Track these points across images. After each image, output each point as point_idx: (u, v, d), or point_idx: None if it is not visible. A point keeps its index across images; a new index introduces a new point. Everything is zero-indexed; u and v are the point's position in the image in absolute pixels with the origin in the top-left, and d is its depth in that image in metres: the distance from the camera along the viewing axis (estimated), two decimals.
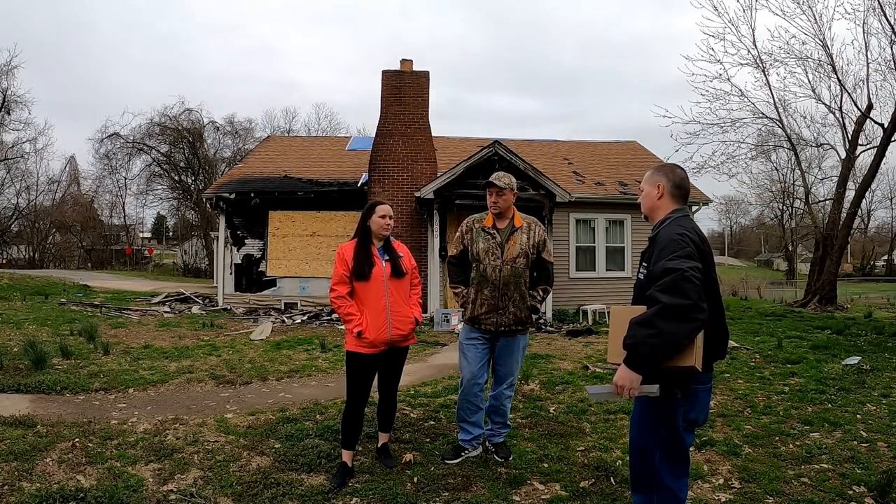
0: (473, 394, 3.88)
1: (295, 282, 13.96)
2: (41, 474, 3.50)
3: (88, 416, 4.75)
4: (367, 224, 3.65)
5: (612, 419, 4.87)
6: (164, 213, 51.22)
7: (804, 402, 5.49)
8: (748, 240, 73.60)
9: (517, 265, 3.80)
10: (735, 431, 4.59)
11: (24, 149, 36.02)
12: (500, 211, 3.88)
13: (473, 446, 3.99)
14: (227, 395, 5.70)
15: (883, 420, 4.92)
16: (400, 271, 3.66)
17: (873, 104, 16.99)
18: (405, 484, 3.52)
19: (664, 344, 2.16)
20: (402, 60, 13.46)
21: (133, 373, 6.39)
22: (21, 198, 37.85)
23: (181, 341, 8.78)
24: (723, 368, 6.85)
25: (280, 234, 14.06)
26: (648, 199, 2.62)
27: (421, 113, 13.27)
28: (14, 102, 32.34)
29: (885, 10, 15.52)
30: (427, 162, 13.13)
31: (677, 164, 2.74)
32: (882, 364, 7.38)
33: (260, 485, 3.45)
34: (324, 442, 4.15)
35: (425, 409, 5.17)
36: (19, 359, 6.67)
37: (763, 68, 18.09)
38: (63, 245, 39.23)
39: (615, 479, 3.60)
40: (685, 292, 2.14)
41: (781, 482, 3.61)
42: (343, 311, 3.56)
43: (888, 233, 53.02)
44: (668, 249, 2.30)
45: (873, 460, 3.99)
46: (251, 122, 42.98)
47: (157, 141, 37.02)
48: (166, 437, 4.26)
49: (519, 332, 3.90)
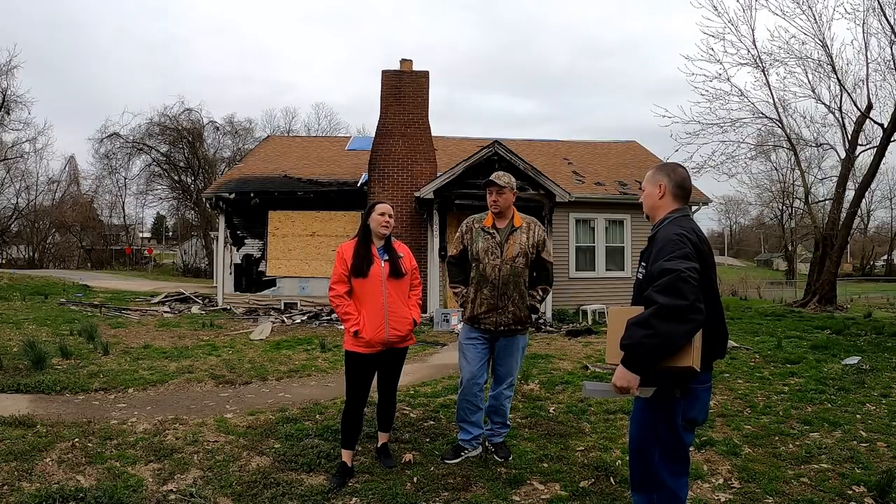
0: (473, 394, 3.88)
1: (295, 282, 13.95)
2: (41, 474, 3.50)
3: (88, 416, 4.75)
4: (367, 223, 3.66)
5: (611, 419, 4.87)
6: (164, 213, 51.33)
7: (804, 402, 5.49)
8: (748, 240, 73.63)
9: (517, 265, 3.81)
10: (735, 431, 4.59)
11: (23, 149, 36.07)
12: (500, 210, 3.88)
13: (473, 446, 3.99)
14: (226, 395, 5.70)
15: (883, 420, 4.92)
16: (399, 271, 3.66)
17: (873, 104, 16.98)
18: (405, 484, 3.52)
19: (661, 344, 2.16)
20: (401, 60, 13.45)
21: (133, 373, 6.38)
22: (21, 198, 37.88)
23: (181, 341, 8.78)
24: (722, 368, 6.85)
25: (280, 234, 14.05)
26: (650, 199, 2.62)
27: (420, 113, 13.27)
28: (14, 102, 32.34)
29: (884, 10, 15.51)
30: (427, 162, 13.13)
31: (679, 164, 2.73)
32: (882, 364, 7.38)
33: (260, 485, 3.45)
34: (323, 442, 4.15)
35: (425, 408, 5.17)
36: (19, 359, 6.67)
37: (763, 68, 18.09)
38: (63, 245, 39.22)
39: (615, 479, 3.60)
40: (682, 293, 2.14)
41: (781, 482, 3.61)
42: (341, 311, 3.56)
43: (888, 233, 53.03)
44: (666, 250, 2.30)
45: (873, 460, 3.99)
46: (251, 122, 43.04)
47: (157, 141, 37.00)
48: (166, 437, 4.26)
49: (518, 331, 3.90)
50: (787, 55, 17.98)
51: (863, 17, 17.99)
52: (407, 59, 13.46)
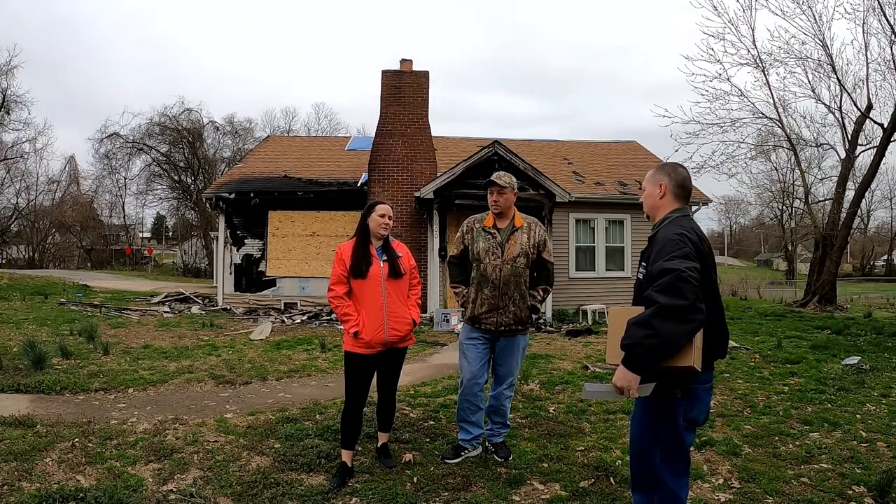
0: (473, 394, 3.88)
1: (294, 282, 13.95)
2: (41, 474, 3.50)
3: (88, 416, 4.75)
4: (366, 223, 3.65)
5: (611, 419, 4.87)
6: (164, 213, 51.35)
7: (804, 402, 5.49)
8: (748, 240, 73.63)
9: (517, 265, 3.81)
10: (735, 431, 4.59)
11: (23, 149, 36.12)
12: (501, 210, 3.88)
13: (473, 446, 3.99)
14: (226, 395, 5.69)
15: (883, 420, 4.92)
16: (398, 271, 3.65)
17: (873, 104, 16.98)
18: (405, 484, 3.52)
19: (661, 344, 2.16)
20: (401, 60, 13.45)
21: (133, 373, 6.38)
22: (21, 198, 37.91)
23: (181, 341, 8.78)
24: (723, 368, 6.85)
25: (280, 234, 14.05)
26: (651, 199, 2.62)
27: (421, 113, 13.27)
28: (14, 102, 32.42)
29: (884, 10, 15.51)
30: (427, 162, 13.13)
31: (679, 164, 2.73)
32: (882, 364, 7.38)
33: (260, 485, 3.45)
34: (323, 442, 4.15)
35: (425, 408, 5.17)
36: (19, 359, 6.67)
37: (763, 68, 18.09)
38: (63, 245, 39.22)
39: (615, 478, 3.60)
40: (682, 293, 2.14)
41: (781, 482, 3.61)
42: (340, 311, 3.56)
43: (888, 233, 53.04)
44: (666, 250, 2.30)
45: (873, 460, 3.99)
46: (251, 122, 43.09)
47: (157, 141, 37.02)
48: (166, 437, 4.26)
49: (519, 331, 3.90)
50: (787, 55, 17.99)
51: (863, 17, 18.00)
52: (407, 59, 13.45)
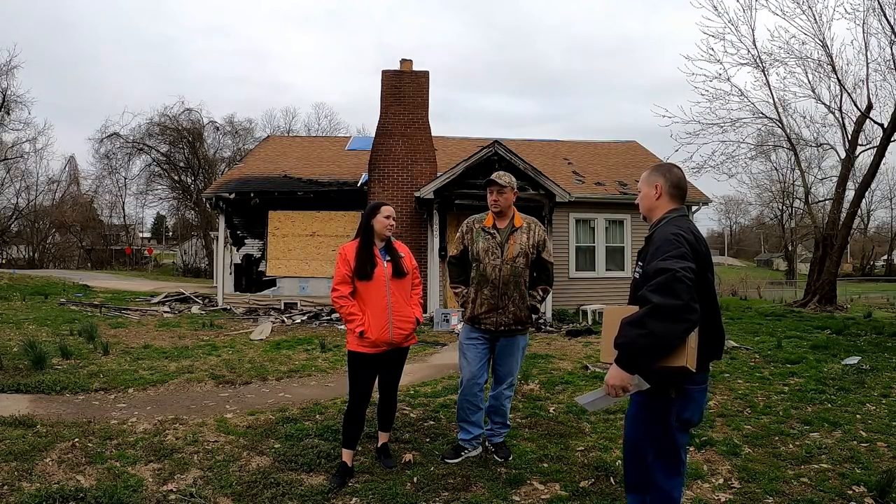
0: (473, 394, 3.88)
1: (295, 282, 13.95)
2: (41, 474, 3.50)
3: (88, 416, 4.75)
4: (370, 224, 3.65)
5: (611, 419, 4.87)
6: (164, 213, 51.34)
7: (804, 402, 5.49)
8: (748, 240, 73.65)
9: (517, 265, 3.81)
10: (735, 431, 4.59)
11: (23, 149, 36.13)
12: (501, 210, 3.88)
13: (473, 446, 3.99)
14: (226, 395, 5.70)
15: (883, 420, 4.93)
16: (401, 271, 3.67)
17: (873, 104, 16.99)
18: (405, 484, 3.52)
19: (655, 344, 2.16)
20: (401, 60, 13.45)
21: (133, 373, 6.38)
22: (21, 198, 37.92)
23: (181, 341, 8.78)
24: (722, 368, 6.86)
25: (280, 234, 14.05)
26: (646, 200, 2.63)
27: (420, 113, 13.27)
28: (14, 102, 32.39)
29: (884, 10, 15.51)
30: (427, 162, 13.13)
31: (674, 164, 2.75)
32: (882, 364, 7.38)
33: (260, 485, 3.45)
34: (324, 442, 4.15)
35: (425, 408, 5.17)
36: (19, 359, 6.67)
37: (763, 68, 18.09)
38: (63, 245, 39.23)
39: (615, 478, 3.60)
40: (676, 293, 2.14)
41: (781, 482, 3.61)
42: (345, 312, 3.56)
43: (888, 233, 53.04)
44: (662, 249, 2.30)
45: (873, 460, 3.99)
46: (251, 122, 43.10)
47: (157, 141, 37.03)
48: (166, 437, 4.26)
49: (519, 331, 3.90)
50: (787, 55, 18.01)
51: (863, 17, 18.06)
52: (407, 59, 13.45)
